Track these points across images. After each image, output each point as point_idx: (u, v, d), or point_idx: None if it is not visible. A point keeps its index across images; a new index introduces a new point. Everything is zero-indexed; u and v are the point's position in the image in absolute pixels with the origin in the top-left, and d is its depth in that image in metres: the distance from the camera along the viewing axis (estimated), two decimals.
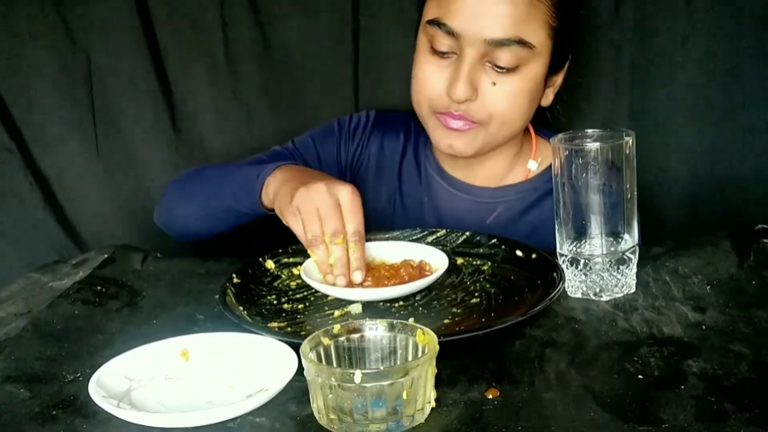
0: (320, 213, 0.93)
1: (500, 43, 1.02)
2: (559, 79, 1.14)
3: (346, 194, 0.94)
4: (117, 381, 0.75)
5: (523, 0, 1.02)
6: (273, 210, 1.03)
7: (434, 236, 1.10)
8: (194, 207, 1.17)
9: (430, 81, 1.08)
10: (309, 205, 0.94)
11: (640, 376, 0.74)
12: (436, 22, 1.05)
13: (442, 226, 1.16)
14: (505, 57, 1.03)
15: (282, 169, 1.05)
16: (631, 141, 0.90)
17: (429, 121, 1.12)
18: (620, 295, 0.92)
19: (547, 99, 1.14)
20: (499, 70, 1.04)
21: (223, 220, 1.14)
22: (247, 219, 1.11)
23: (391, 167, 1.25)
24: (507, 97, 1.06)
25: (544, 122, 1.20)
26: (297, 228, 0.96)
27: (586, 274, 0.92)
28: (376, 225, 1.13)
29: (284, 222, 0.99)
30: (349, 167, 1.26)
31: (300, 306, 0.94)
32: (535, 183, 1.19)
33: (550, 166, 1.18)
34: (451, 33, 1.04)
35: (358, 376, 0.65)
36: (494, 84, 1.05)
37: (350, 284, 0.94)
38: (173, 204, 1.21)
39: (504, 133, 1.10)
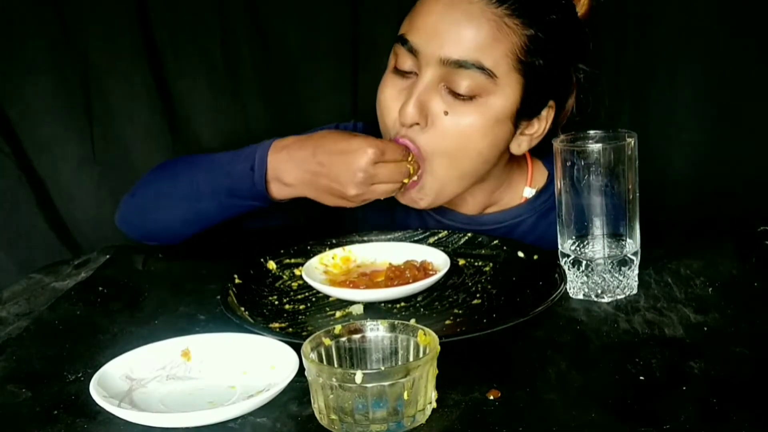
0: (384, 183, 0.98)
1: (457, 65, 0.96)
2: (539, 129, 1.05)
3: (364, 165, 0.96)
4: (118, 381, 0.75)
5: (489, 22, 0.96)
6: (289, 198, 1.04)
7: (436, 237, 1.10)
8: (179, 211, 1.10)
9: (388, 105, 1.02)
10: (372, 193, 0.98)
11: (641, 378, 0.74)
12: (401, 38, 1.00)
13: None
14: (462, 82, 0.96)
15: (279, 156, 1.02)
16: (633, 142, 0.90)
17: None
18: (622, 296, 0.92)
19: (520, 147, 1.06)
20: (454, 96, 0.98)
21: (219, 217, 1.09)
22: (260, 208, 1.07)
23: None
24: (458, 129, 0.99)
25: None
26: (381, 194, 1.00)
27: (587, 276, 0.92)
28: None
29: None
30: None
31: (301, 306, 0.94)
32: (533, 204, 1.14)
33: (545, 187, 1.14)
34: (412, 50, 0.99)
35: (359, 376, 0.65)
36: (446, 113, 0.98)
37: (353, 285, 0.95)
38: (148, 209, 1.13)
39: (455, 173, 1.02)
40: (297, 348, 0.73)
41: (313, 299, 0.96)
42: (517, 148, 1.06)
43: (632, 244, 0.92)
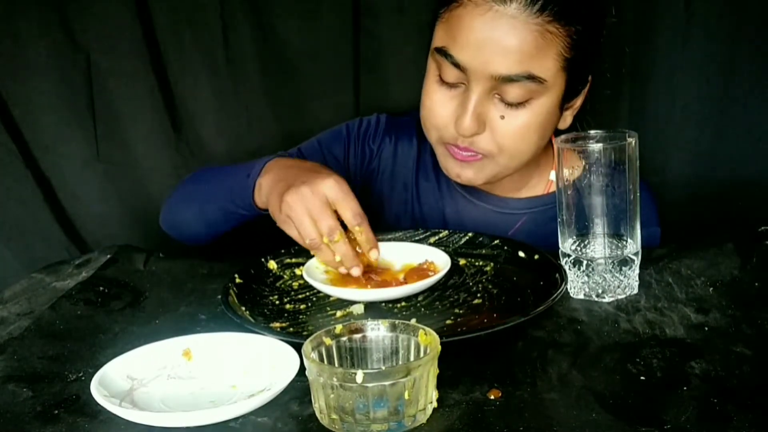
0: (311, 215, 0.93)
1: (508, 79, 0.97)
2: (578, 102, 1.10)
3: (330, 187, 0.93)
4: (119, 380, 0.75)
5: (533, 33, 0.96)
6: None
7: (437, 237, 1.10)
8: (193, 211, 1.17)
9: (438, 111, 1.05)
10: (299, 210, 0.93)
11: (642, 378, 0.74)
12: (443, 51, 1.01)
13: None
14: (513, 92, 0.99)
15: (270, 167, 1.03)
16: (633, 142, 0.90)
17: (438, 149, 1.10)
18: (623, 296, 0.92)
19: (565, 122, 1.10)
20: (507, 104, 1.01)
21: (223, 221, 1.14)
22: (247, 218, 1.10)
23: (406, 175, 1.22)
24: (516, 131, 1.02)
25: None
26: (293, 233, 0.96)
27: (588, 275, 0.92)
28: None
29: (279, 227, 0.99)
30: (358, 174, 1.23)
31: (302, 306, 0.95)
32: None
33: None
34: (457, 65, 0.99)
35: (359, 376, 0.65)
36: (502, 117, 1.01)
37: (358, 283, 0.95)
38: (174, 208, 1.21)
39: (515, 163, 1.07)
40: (298, 347, 0.73)
41: (314, 299, 0.96)
42: (563, 123, 1.10)
43: (633, 244, 0.92)
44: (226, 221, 1.13)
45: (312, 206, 0.92)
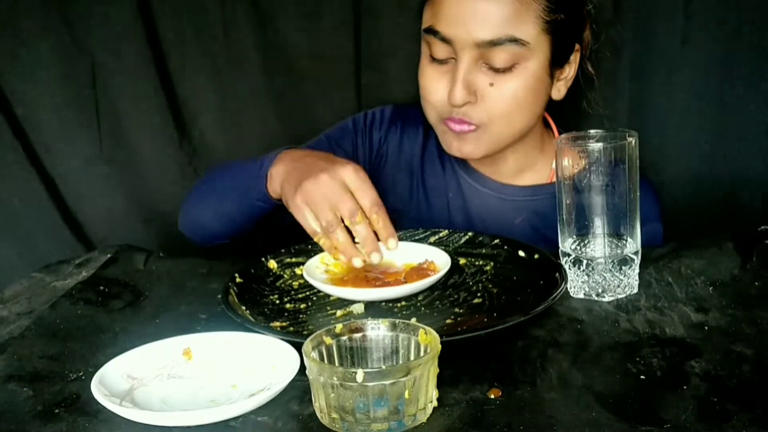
0: (330, 200, 0.94)
1: (492, 44, 1.02)
2: (570, 71, 1.13)
3: (350, 174, 0.95)
4: (119, 380, 0.75)
5: None
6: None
7: (437, 236, 1.10)
8: (210, 210, 1.17)
9: (432, 89, 1.09)
10: (316, 196, 0.94)
11: (642, 377, 0.74)
12: (431, 30, 1.06)
13: (469, 223, 1.18)
14: (499, 57, 1.03)
15: (282, 158, 1.05)
16: (634, 141, 0.90)
17: (437, 127, 1.13)
18: (623, 295, 0.92)
19: (560, 92, 1.13)
20: (495, 70, 1.04)
21: (239, 216, 1.13)
22: (265, 210, 1.10)
23: (412, 162, 1.24)
24: (506, 96, 1.05)
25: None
26: (305, 221, 0.96)
27: (588, 275, 0.92)
28: (399, 222, 1.13)
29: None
30: (368, 163, 1.25)
31: (302, 306, 0.95)
32: None
33: None
34: (444, 39, 1.04)
35: (360, 375, 0.65)
36: (492, 85, 1.05)
37: (356, 283, 0.95)
38: (192, 210, 1.20)
39: (510, 131, 1.09)
40: (298, 347, 0.73)
41: (314, 298, 0.96)
42: (557, 93, 1.13)
43: (633, 244, 0.92)
44: (243, 215, 1.13)
45: (331, 192, 0.94)
